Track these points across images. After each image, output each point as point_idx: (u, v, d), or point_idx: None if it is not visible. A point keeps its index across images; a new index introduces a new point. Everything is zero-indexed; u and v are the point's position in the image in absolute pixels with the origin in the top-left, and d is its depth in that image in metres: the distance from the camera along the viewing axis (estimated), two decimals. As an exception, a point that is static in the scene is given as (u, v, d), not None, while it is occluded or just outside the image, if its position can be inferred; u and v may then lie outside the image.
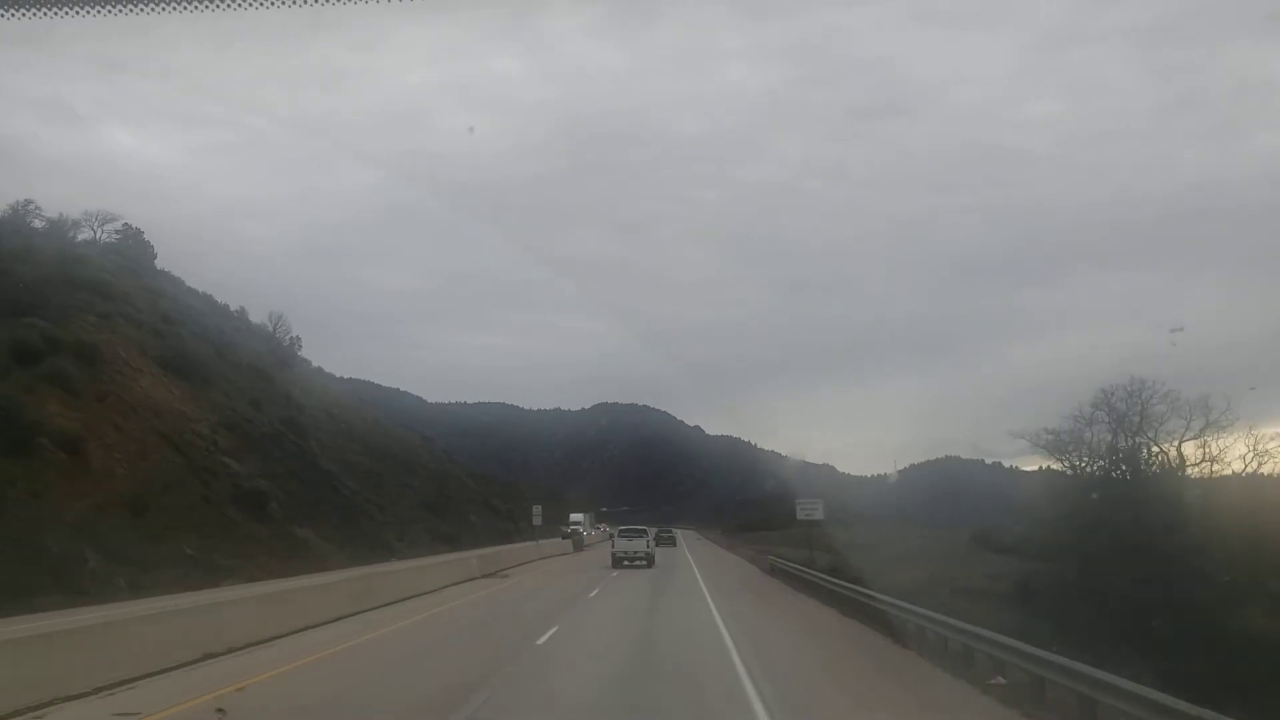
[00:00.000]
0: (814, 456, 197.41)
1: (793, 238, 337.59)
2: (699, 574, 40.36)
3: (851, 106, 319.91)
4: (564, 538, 76.17)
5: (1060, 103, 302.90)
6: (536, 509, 70.74)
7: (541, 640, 17.91)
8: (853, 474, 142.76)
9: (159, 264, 77.76)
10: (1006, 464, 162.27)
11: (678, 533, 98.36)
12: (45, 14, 3.73)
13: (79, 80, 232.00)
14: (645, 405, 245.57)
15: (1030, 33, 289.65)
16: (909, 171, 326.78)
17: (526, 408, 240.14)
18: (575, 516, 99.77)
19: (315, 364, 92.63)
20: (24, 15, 3.68)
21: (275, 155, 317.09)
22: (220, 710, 11.38)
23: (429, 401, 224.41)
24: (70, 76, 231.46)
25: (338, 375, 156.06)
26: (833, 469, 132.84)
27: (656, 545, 56.49)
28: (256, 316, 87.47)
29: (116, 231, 73.59)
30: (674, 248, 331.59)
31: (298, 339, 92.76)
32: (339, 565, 41.36)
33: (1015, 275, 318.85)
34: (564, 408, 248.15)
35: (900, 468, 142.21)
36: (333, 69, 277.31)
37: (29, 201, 62.30)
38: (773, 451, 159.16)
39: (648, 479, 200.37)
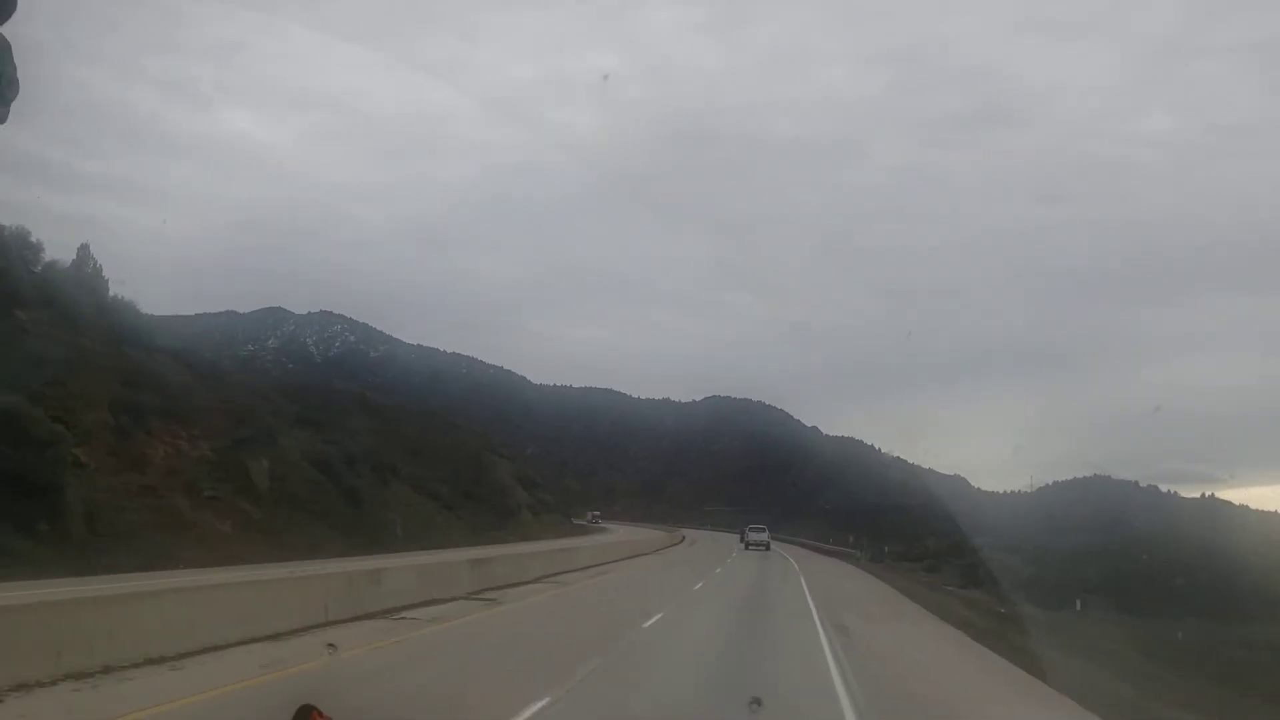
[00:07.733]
0: (942, 467, 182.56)
1: (895, 244, 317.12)
2: None
3: (954, 114, 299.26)
4: None
5: (1175, 116, 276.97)
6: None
7: None
8: (984, 489, 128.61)
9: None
10: (1164, 488, 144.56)
11: (778, 555, 63.31)
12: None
13: (202, 62, 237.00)
14: (760, 401, 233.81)
15: (1144, 43, 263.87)
16: (1014, 181, 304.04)
17: (634, 395, 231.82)
18: None
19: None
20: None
21: (383, 142, 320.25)
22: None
23: (533, 382, 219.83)
24: (193, 58, 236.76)
25: (441, 349, 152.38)
26: (965, 481, 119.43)
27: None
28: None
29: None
30: (774, 248, 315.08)
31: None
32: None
33: (1132, 292, 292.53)
34: (673, 398, 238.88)
35: (1038, 485, 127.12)
36: (440, 59, 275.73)
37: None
38: (897, 457, 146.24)
39: (756, 476, 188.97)
